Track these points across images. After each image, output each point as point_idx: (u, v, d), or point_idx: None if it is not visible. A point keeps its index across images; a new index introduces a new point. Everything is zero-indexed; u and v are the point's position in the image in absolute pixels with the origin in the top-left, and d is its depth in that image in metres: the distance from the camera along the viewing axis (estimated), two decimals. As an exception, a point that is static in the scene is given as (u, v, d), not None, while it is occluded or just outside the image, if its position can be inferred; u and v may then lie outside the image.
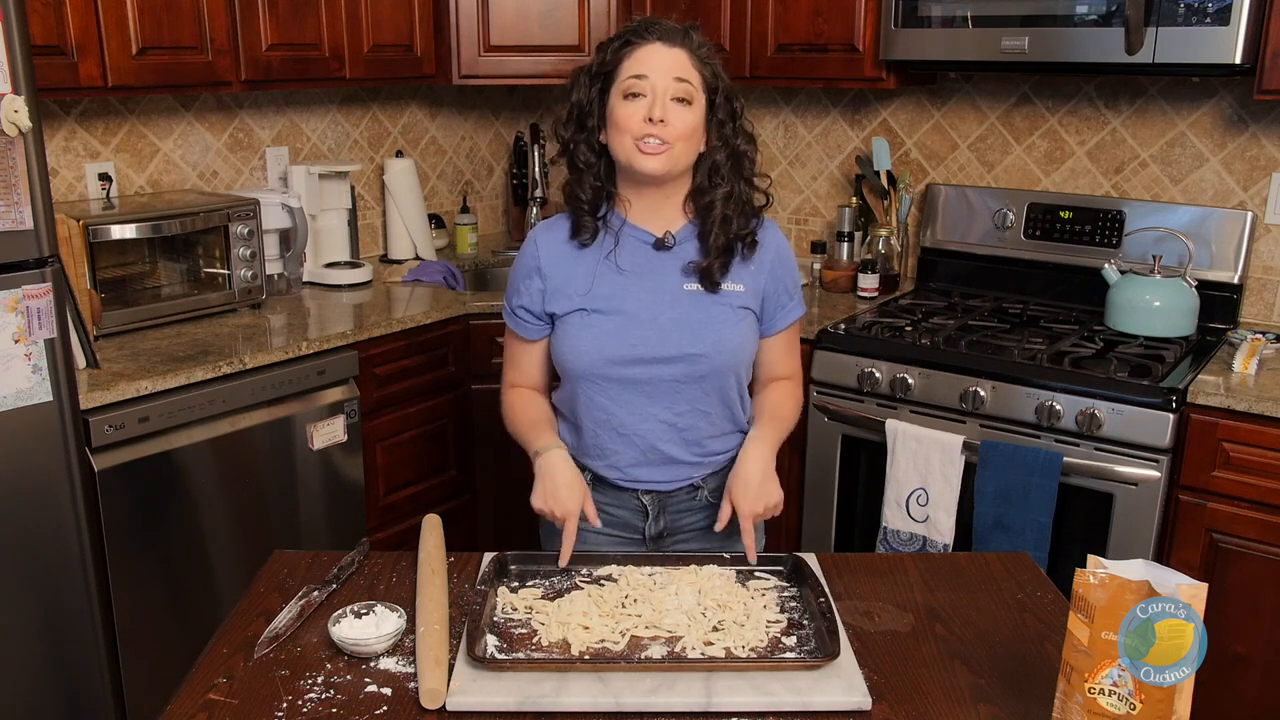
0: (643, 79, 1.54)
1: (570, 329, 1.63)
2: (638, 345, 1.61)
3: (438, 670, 1.24)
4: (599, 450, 1.68)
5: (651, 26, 1.58)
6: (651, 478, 1.69)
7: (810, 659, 1.29)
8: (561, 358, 1.66)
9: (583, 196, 1.63)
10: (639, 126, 1.54)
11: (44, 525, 2.01)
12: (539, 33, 3.10)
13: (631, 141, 1.55)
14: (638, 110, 1.54)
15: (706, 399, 1.65)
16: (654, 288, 1.62)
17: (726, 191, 1.61)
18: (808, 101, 3.28)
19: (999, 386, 2.38)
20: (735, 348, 1.64)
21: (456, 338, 2.85)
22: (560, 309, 1.64)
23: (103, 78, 2.33)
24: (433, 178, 3.59)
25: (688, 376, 1.62)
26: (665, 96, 1.54)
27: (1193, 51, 2.29)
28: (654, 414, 1.64)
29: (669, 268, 1.63)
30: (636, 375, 1.62)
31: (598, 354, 1.61)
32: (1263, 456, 2.16)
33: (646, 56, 1.56)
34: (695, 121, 1.57)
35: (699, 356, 1.61)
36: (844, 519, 2.67)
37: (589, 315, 1.62)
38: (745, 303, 1.65)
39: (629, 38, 1.58)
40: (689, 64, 1.57)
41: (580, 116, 1.61)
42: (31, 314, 1.92)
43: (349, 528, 2.61)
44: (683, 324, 1.61)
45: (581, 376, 1.64)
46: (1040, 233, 2.89)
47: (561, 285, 1.64)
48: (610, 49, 1.59)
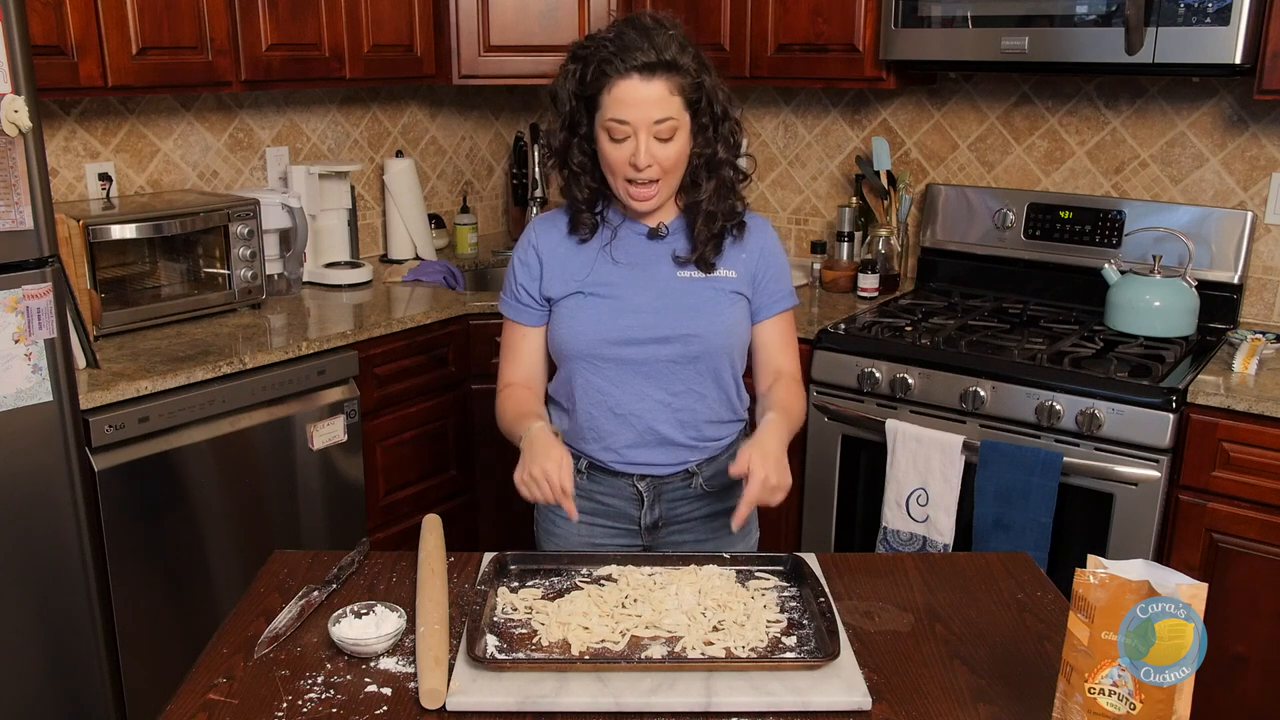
0: (624, 124, 1.55)
1: (567, 311, 1.68)
2: (633, 325, 1.65)
3: (438, 670, 1.25)
4: (595, 433, 1.71)
5: (625, 54, 1.53)
6: (648, 460, 1.72)
7: (810, 659, 1.29)
8: (558, 339, 1.69)
9: (580, 196, 1.67)
10: (626, 170, 1.59)
11: (44, 525, 2.01)
12: (539, 33, 3.10)
13: (622, 183, 1.61)
14: (623, 153, 1.58)
15: (701, 380, 1.69)
16: (649, 275, 1.67)
17: (712, 188, 1.65)
18: (808, 101, 3.28)
19: (999, 386, 2.38)
20: (728, 329, 1.68)
21: (456, 338, 2.85)
22: (557, 293, 1.69)
23: (103, 78, 2.33)
24: (433, 178, 3.59)
25: (682, 357, 1.66)
26: (648, 138, 1.56)
27: (1193, 51, 2.29)
28: (649, 394, 1.68)
29: (663, 257, 1.68)
30: (632, 355, 1.66)
31: (594, 334, 1.66)
32: (1263, 456, 2.16)
33: (625, 95, 1.54)
34: (679, 150, 1.60)
35: (693, 337, 1.65)
36: (844, 519, 2.67)
37: (586, 298, 1.67)
38: (737, 288, 1.69)
39: (604, 67, 1.54)
40: (668, 94, 1.55)
41: (571, 124, 1.63)
42: (31, 314, 1.92)
43: (349, 528, 2.61)
44: (677, 306, 1.66)
45: (578, 357, 1.68)
46: (1040, 233, 2.89)
47: (559, 272, 1.69)
48: (589, 72, 1.56)
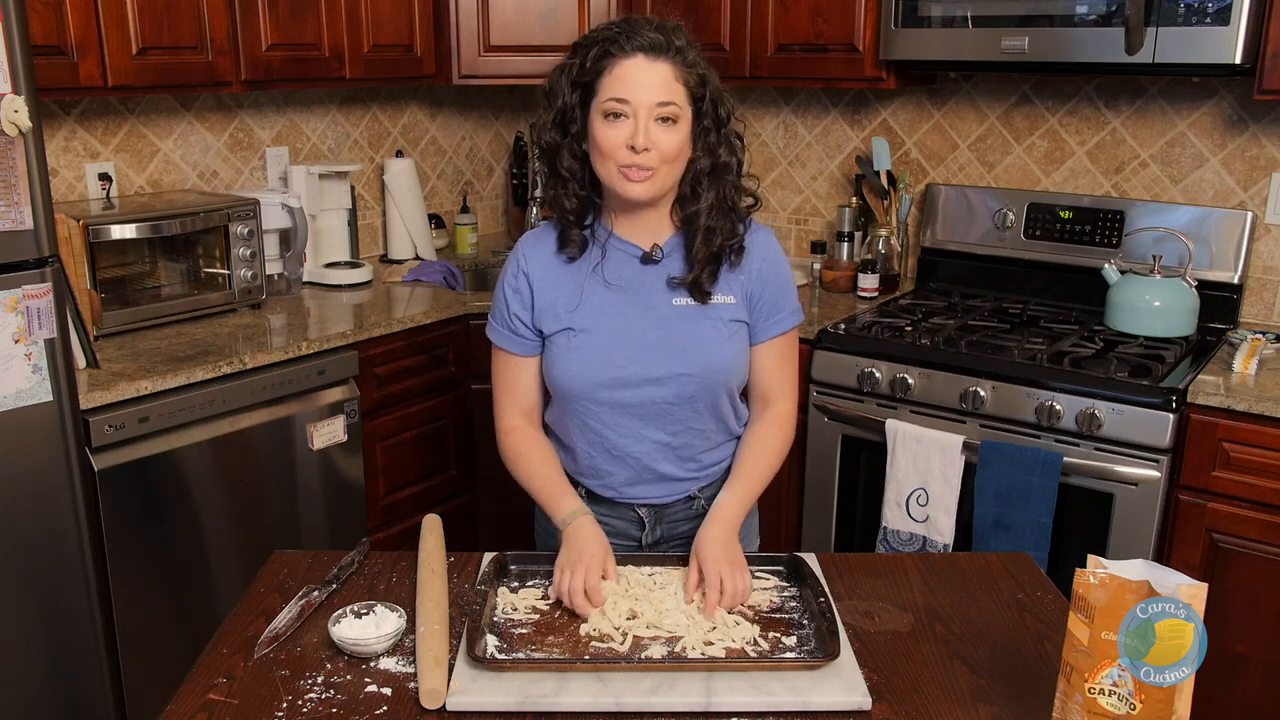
0: (624, 103, 1.46)
1: (558, 350, 1.58)
2: (626, 366, 1.55)
3: (438, 670, 1.25)
4: (593, 470, 1.65)
5: (633, 35, 1.47)
6: (647, 494, 1.66)
7: (810, 659, 1.29)
8: (552, 379, 1.60)
9: (568, 206, 1.56)
10: (622, 154, 1.47)
11: (44, 525, 2.01)
12: (539, 33, 3.10)
13: (615, 167, 1.48)
14: (620, 134, 1.47)
15: (699, 417, 1.60)
16: (642, 304, 1.57)
17: (711, 201, 1.54)
18: (808, 101, 3.28)
19: (999, 386, 2.38)
20: (724, 366, 1.58)
21: (456, 338, 2.85)
22: (548, 327, 1.59)
23: (103, 78, 2.33)
24: (433, 178, 3.59)
25: (679, 397, 1.57)
26: (648, 120, 1.46)
27: (1193, 51, 2.29)
28: (647, 435, 1.60)
29: (657, 282, 1.58)
30: (627, 398, 1.57)
31: (585, 378, 1.56)
32: (1263, 456, 2.16)
33: (628, 74, 1.46)
34: (681, 140, 1.49)
35: (687, 377, 1.56)
36: (844, 519, 2.67)
37: (575, 335, 1.57)
38: (736, 315, 1.59)
39: (608, 46, 1.47)
40: (673, 79, 1.47)
41: (563, 121, 1.53)
42: (31, 314, 1.92)
43: (349, 528, 2.61)
44: (669, 343, 1.55)
45: (572, 399, 1.58)
46: (1040, 233, 2.89)
47: (549, 302, 1.59)
48: (590, 56, 1.48)
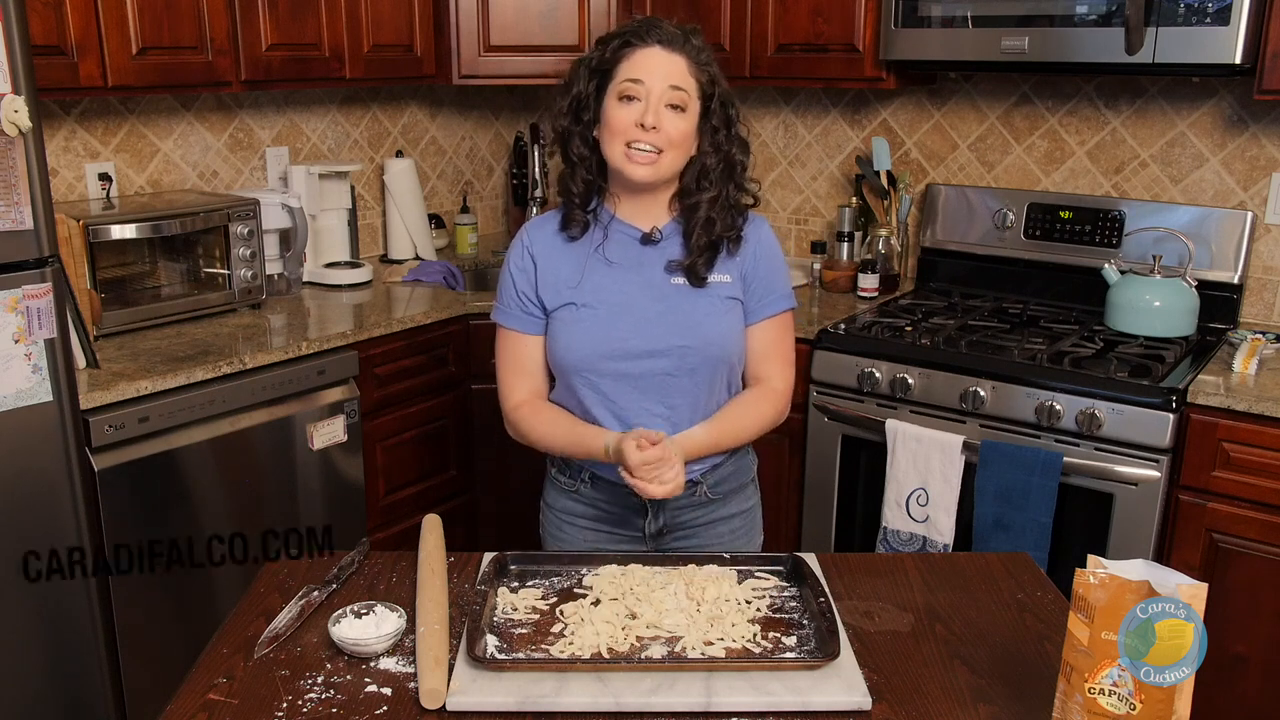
0: (638, 84, 1.57)
1: (561, 324, 1.66)
2: (628, 338, 1.63)
3: (438, 670, 1.25)
4: None
5: (652, 29, 1.60)
6: None
7: (810, 659, 1.29)
8: (554, 354, 1.68)
9: (575, 189, 1.66)
10: (631, 131, 1.58)
11: (44, 525, 2.01)
12: (539, 33, 3.10)
13: (622, 147, 1.59)
14: (631, 114, 1.57)
15: (698, 391, 1.67)
16: (641, 281, 1.66)
17: (713, 196, 1.63)
18: (808, 101, 3.28)
19: (999, 386, 2.38)
20: (722, 338, 1.66)
21: (456, 338, 2.85)
22: (550, 302, 1.67)
23: (103, 78, 2.33)
24: (433, 178, 3.59)
25: (679, 370, 1.64)
26: (659, 103, 1.57)
27: (1193, 51, 2.29)
28: (648, 408, 1.66)
29: (655, 262, 1.66)
30: (628, 369, 1.64)
31: (589, 348, 1.64)
32: (1263, 456, 2.16)
33: (644, 60, 1.58)
34: (687, 128, 1.60)
35: (687, 349, 1.64)
36: (844, 519, 2.67)
37: (578, 310, 1.65)
38: (732, 293, 1.67)
39: (629, 38, 1.60)
40: (686, 70, 1.59)
41: (577, 109, 1.63)
42: (31, 314, 1.92)
43: (349, 528, 2.61)
44: (669, 317, 1.64)
45: (574, 371, 1.66)
46: (1040, 233, 2.89)
47: (552, 277, 1.67)
48: (610, 46, 1.61)
